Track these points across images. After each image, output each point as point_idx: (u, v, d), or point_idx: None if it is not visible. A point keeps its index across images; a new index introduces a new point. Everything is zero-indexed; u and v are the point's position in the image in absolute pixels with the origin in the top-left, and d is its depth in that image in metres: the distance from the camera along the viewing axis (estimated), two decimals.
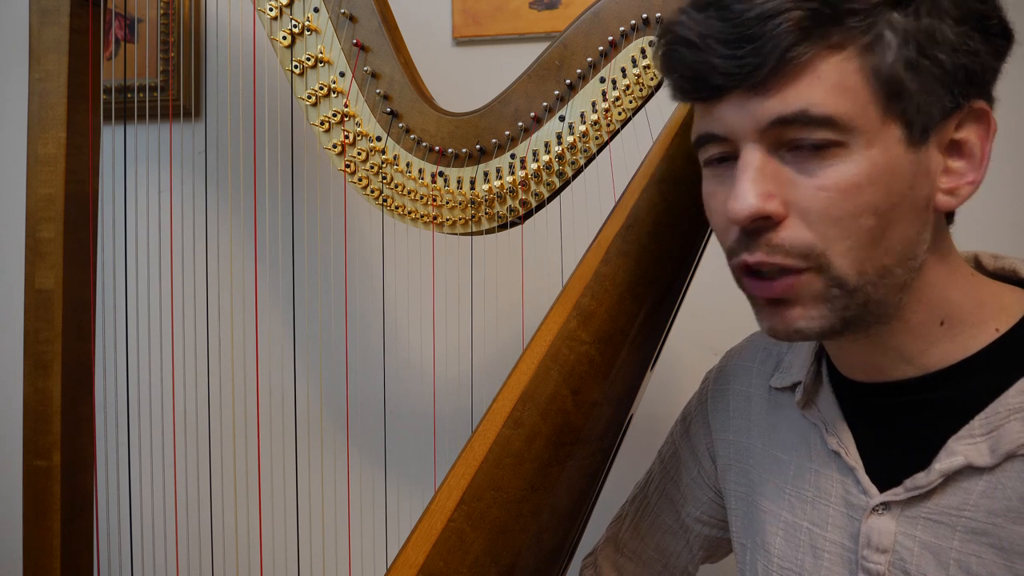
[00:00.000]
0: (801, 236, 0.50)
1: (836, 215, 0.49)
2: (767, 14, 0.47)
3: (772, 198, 0.50)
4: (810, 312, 0.52)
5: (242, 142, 1.02)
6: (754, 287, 0.54)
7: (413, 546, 0.70)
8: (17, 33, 1.20)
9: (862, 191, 0.49)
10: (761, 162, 0.50)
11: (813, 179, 0.49)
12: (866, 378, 0.59)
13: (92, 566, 0.87)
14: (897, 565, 0.53)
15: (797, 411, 0.64)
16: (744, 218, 0.50)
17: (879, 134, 0.49)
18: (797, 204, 0.50)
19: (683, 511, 0.78)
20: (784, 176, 0.50)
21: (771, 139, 0.50)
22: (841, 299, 0.51)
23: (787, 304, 0.52)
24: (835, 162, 0.49)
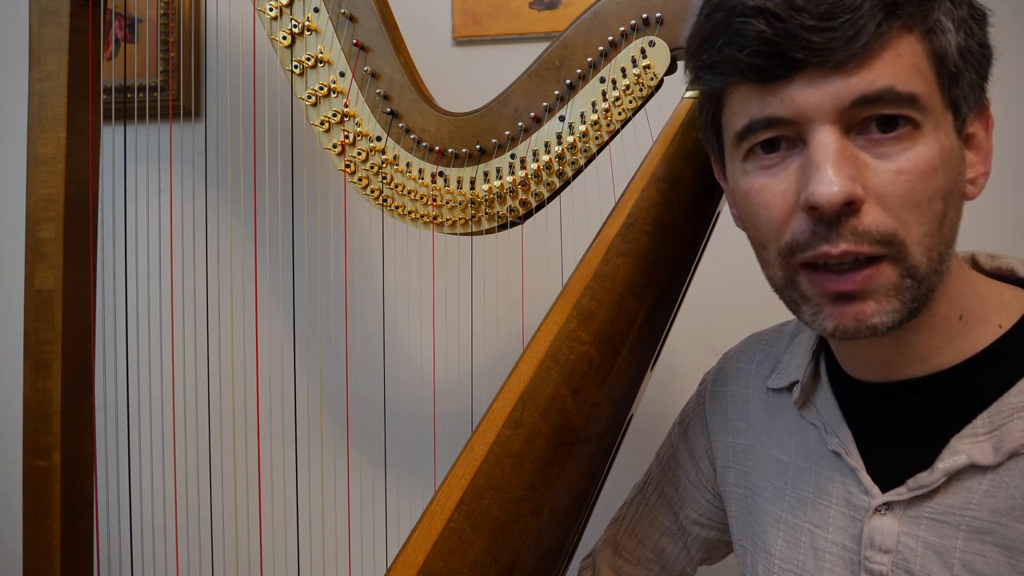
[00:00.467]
0: (883, 222, 0.47)
1: (916, 199, 0.47)
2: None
3: (856, 181, 0.47)
4: (884, 306, 0.49)
5: (242, 142, 1.02)
6: (822, 282, 0.50)
7: (413, 546, 0.70)
8: (17, 33, 1.20)
9: (937, 174, 0.48)
10: (841, 144, 0.48)
11: (890, 163, 0.47)
12: (873, 377, 0.58)
13: (92, 566, 0.87)
14: (900, 565, 0.53)
15: (795, 412, 0.64)
16: (837, 202, 0.46)
17: (943, 118, 0.49)
18: (875, 189, 0.47)
19: (681, 513, 0.78)
20: (861, 160, 0.48)
21: (849, 120, 0.48)
22: (912, 290, 0.49)
23: (859, 298, 0.49)
24: (912, 145, 0.47)
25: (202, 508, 1.12)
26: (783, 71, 0.48)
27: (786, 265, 0.52)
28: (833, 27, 0.46)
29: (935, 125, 0.48)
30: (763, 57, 0.48)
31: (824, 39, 0.46)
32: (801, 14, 0.46)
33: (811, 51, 0.46)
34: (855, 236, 0.48)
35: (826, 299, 0.50)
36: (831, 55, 0.46)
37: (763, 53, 0.48)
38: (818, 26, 0.46)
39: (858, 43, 0.46)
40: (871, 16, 0.46)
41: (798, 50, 0.47)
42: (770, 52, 0.48)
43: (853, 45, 0.46)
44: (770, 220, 0.52)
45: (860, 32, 0.46)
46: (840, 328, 0.50)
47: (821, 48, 0.46)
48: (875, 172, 0.48)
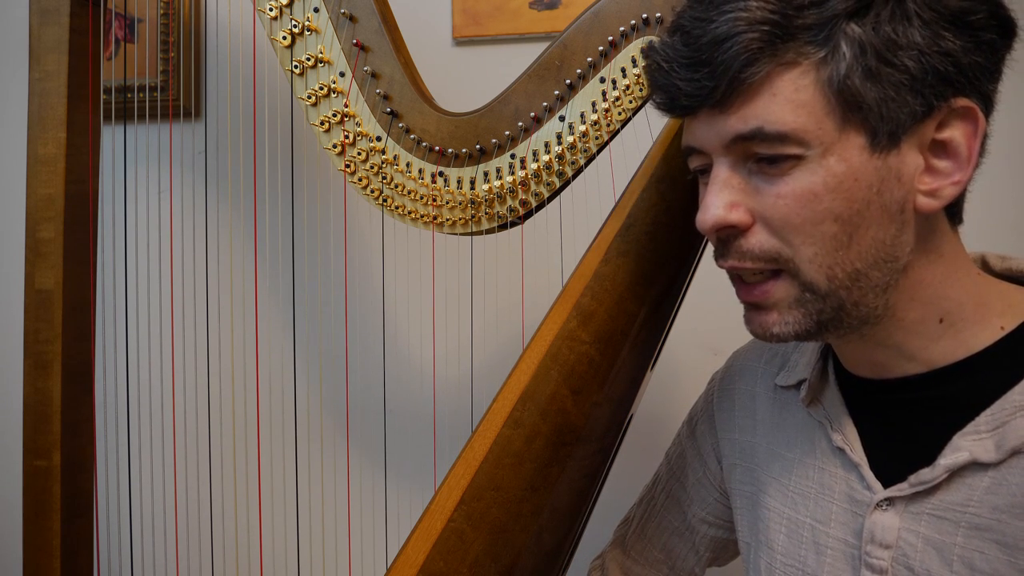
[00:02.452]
0: (766, 242, 0.53)
1: (796, 223, 0.51)
2: (719, 38, 0.50)
3: (736, 208, 0.53)
4: (785, 317, 0.54)
5: (242, 142, 1.02)
6: (737, 290, 0.57)
7: (413, 546, 0.70)
8: (17, 33, 1.20)
9: (819, 199, 0.50)
10: (727, 175, 0.53)
11: (773, 188, 0.52)
12: (872, 375, 0.59)
13: (92, 566, 0.87)
14: (900, 561, 0.53)
15: (802, 409, 0.65)
16: (709, 228, 0.54)
17: (836, 144, 0.50)
18: (761, 213, 0.53)
19: (689, 512, 0.78)
20: (750, 186, 0.53)
21: (737, 153, 0.53)
22: (814, 303, 0.53)
23: (764, 309, 0.55)
24: (793, 172, 0.51)
25: (202, 508, 1.12)
26: (682, 112, 0.55)
27: None
28: (696, 79, 0.51)
29: (823, 152, 0.50)
30: (666, 102, 0.56)
31: (692, 88, 0.52)
32: (676, 67, 0.53)
33: (691, 98, 0.52)
34: (739, 254, 0.54)
35: (745, 304, 0.57)
36: (704, 101, 0.52)
37: (665, 99, 0.55)
38: (688, 77, 0.52)
39: (719, 92, 0.50)
40: (731, 64, 0.49)
41: (682, 97, 0.53)
42: (668, 96, 0.55)
43: (715, 93, 0.51)
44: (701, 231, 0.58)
45: (719, 82, 0.50)
46: (752, 332, 0.57)
47: (693, 95, 0.52)
48: (762, 197, 0.52)
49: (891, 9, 0.48)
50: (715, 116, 0.52)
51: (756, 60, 0.49)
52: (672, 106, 0.55)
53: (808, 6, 0.49)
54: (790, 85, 0.49)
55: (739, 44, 0.49)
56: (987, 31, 0.50)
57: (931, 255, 0.54)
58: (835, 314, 0.53)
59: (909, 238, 0.52)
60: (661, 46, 0.54)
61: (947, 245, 0.55)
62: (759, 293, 0.55)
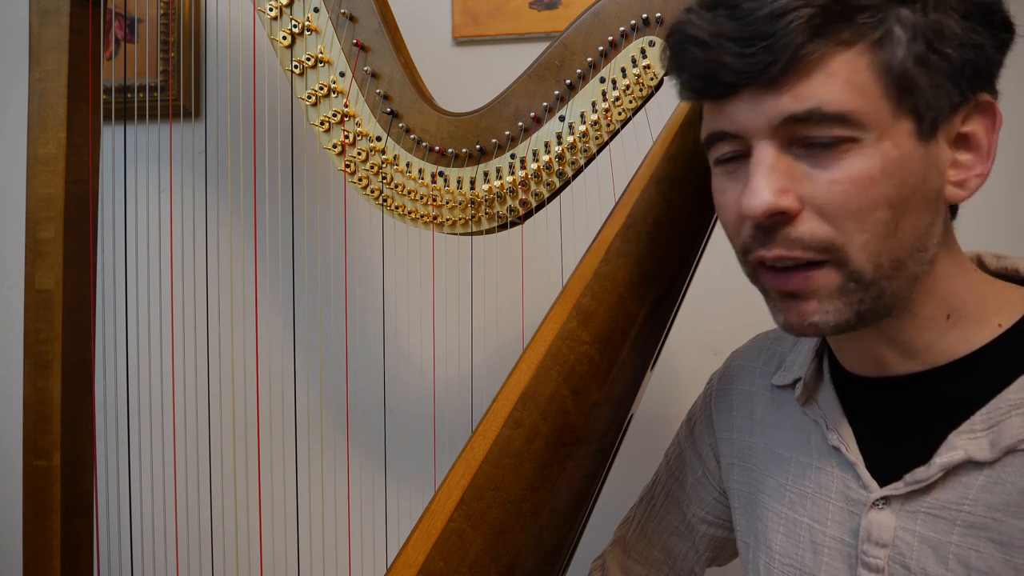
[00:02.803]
0: (818, 229, 0.50)
1: (852, 208, 0.49)
2: (778, 12, 0.47)
3: (786, 193, 0.50)
4: (825, 306, 0.52)
5: (242, 142, 1.02)
6: (770, 280, 0.54)
7: (413, 546, 0.70)
8: (17, 33, 1.20)
9: (876, 184, 0.49)
10: (774, 159, 0.50)
11: (827, 173, 0.49)
12: (869, 372, 0.59)
13: (92, 566, 0.87)
14: (896, 560, 0.53)
15: (798, 409, 0.65)
16: (760, 214, 0.50)
17: (890, 128, 0.49)
18: (812, 199, 0.50)
19: (688, 511, 0.78)
20: (798, 171, 0.50)
21: (783, 135, 0.50)
22: (857, 293, 0.51)
23: (803, 298, 0.52)
24: (848, 156, 0.49)
25: (202, 508, 1.12)
26: (722, 92, 0.52)
27: (746, 262, 0.56)
28: (751, 53, 0.49)
29: (879, 136, 0.49)
30: (702, 80, 0.52)
31: (744, 64, 0.49)
32: (725, 41, 0.49)
33: (738, 74, 0.50)
34: (787, 243, 0.51)
35: (777, 295, 0.54)
36: (755, 78, 0.49)
37: (702, 76, 0.52)
38: (739, 51, 0.49)
39: (776, 67, 0.48)
40: (792, 39, 0.47)
41: (728, 75, 0.50)
42: (707, 76, 0.51)
43: (773, 68, 0.48)
44: (727, 222, 0.56)
45: (778, 56, 0.48)
46: (786, 324, 0.54)
47: (745, 72, 0.49)
48: (813, 182, 0.50)
49: None
50: (762, 96, 0.50)
51: (815, 36, 0.48)
52: (712, 85, 0.52)
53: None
54: (846, 66, 0.48)
55: (799, 18, 0.47)
56: (1001, 31, 0.51)
57: (944, 249, 0.54)
58: (874, 304, 0.52)
59: (939, 229, 0.52)
60: (699, 21, 0.51)
61: (953, 241, 0.55)
62: (800, 280, 0.52)
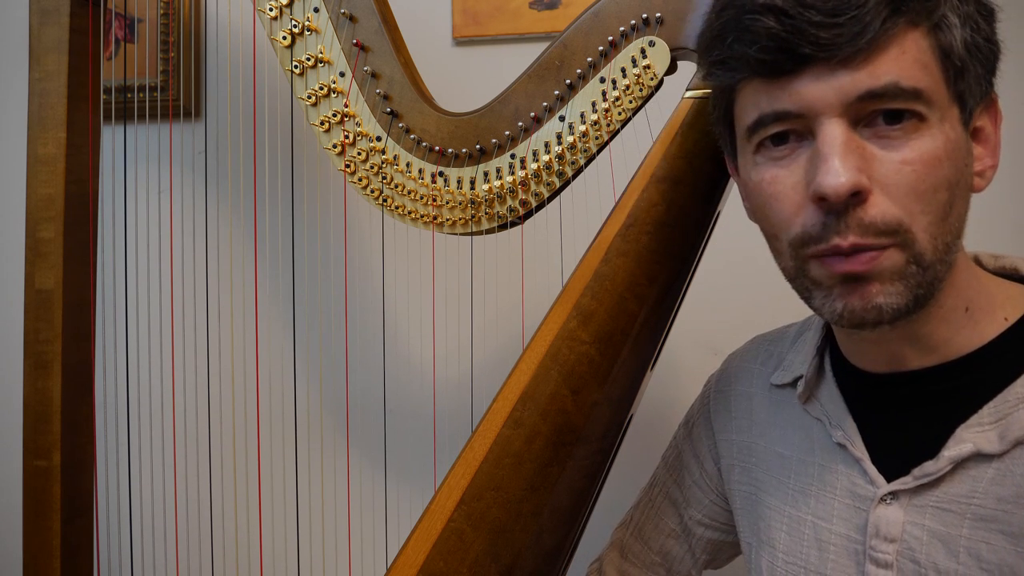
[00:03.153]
0: (889, 211, 0.48)
1: (921, 189, 0.48)
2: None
3: (863, 171, 0.48)
4: (888, 288, 0.50)
5: (242, 142, 1.02)
6: (834, 264, 0.51)
7: (413, 546, 0.70)
8: (17, 33, 1.20)
9: (942, 165, 0.49)
10: (847, 136, 0.49)
11: (896, 153, 0.48)
12: (882, 368, 0.58)
13: (92, 566, 0.87)
14: (906, 555, 0.53)
15: (799, 408, 0.65)
16: (844, 193, 0.47)
17: (948, 111, 0.50)
18: (881, 179, 0.49)
19: (685, 514, 0.78)
20: (868, 151, 0.49)
21: (853, 113, 0.49)
22: (916, 276, 0.50)
23: (866, 281, 0.50)
24: (918, 136, 0.49)
25: (202, 508, 1.12)
26: (791, 66, 0.49)
27: (797, 255, 0.53)
28: (839, 23, 0.47)
29: (940, 118, 0.49)
30: (772, 53, 0.49)
31: (831, 35, 0.47)
32: (809, 10, 0.47)
33: (818, 46, 0.47)
34: (861, 228, 0.49)
35: (835, 281, 0.51)
36: (838, 50, 0.47)
37: (772, 49, 0.49)
38: (825, 22, 0.47)
39: (864, 39, 0.47)
40: (877, 12, 0.47)
41: (806, 45, 0.48)
42: (779, 48, 0.49)
43: (859, 40, 0.47)
44: (781, 211, 0.53)
45: (866, 28, 0.47)
46: (848, 308, 0.51)
47: (828, 43, 0.47)
48: (881, 163, 0.49)
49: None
50: (835, 71, 0.48)
51: (895, 12, 0.47)
52: (782, 59, 0.49)
53: None
54: (915, 45, 0.49)
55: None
56: None
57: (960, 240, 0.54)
58: (928, 289, 0.51)
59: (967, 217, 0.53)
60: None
61: None
62: (867, 260, 0.49)
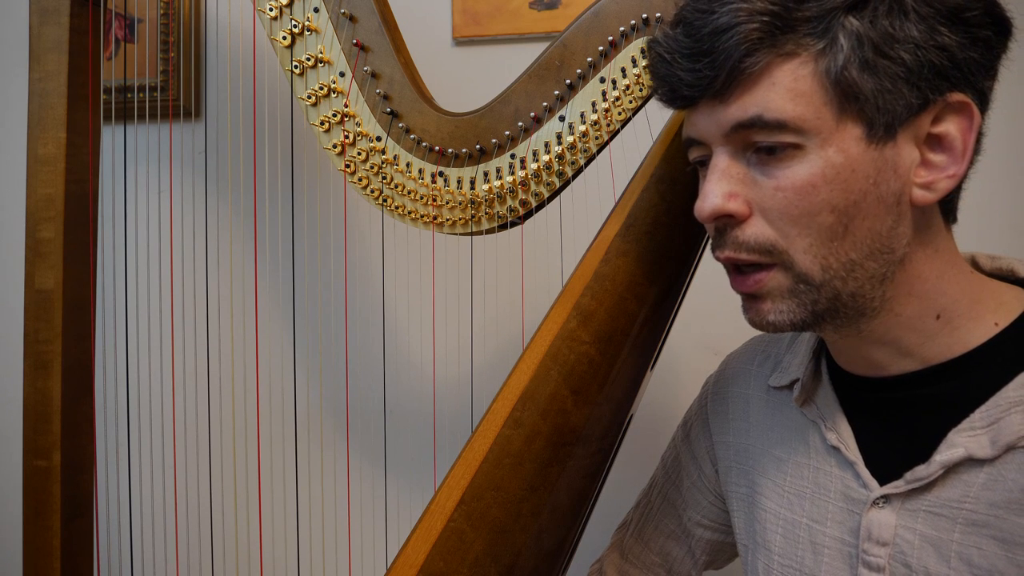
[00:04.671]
0: (763, 233, 0.53)
1: (794, 214, 0.52)
2: (720, 29, 0.50)
3: (735, 198, 0.54)
4: (779, 306, 0.55)
5: (242, 142, 1.02)
6: (732, 281, 0.58)
7: (413, 546, 0.70)
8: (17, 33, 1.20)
9: (817, 190, 0.51)
10: (726, 164, 0.54)
11: (771, 180, 0.52)
12: (867, 372, 0.59)
13: (92, 566, 0.87)
14: (898, 558, 0.53)
15: (795, 410, 0.65)
16: (707, 216, 0.54)
17: (834, 134, 0.50)
18: (759, 203, 0.53)
19: (684, 515, 0.78)
20: (749, 177, 0.54)
21: (737, 143, 0.54)
22: (808, 293, 0.54)
23: (759, 298, 0.56)
24: (791, 163, 0.51)
25: (202, 508, 1.12)
26: (683, 103, 0.56)
27: None
28: (697, 69, 0.52)
29: (821, 143, 0.50)
30: (668, 93, 0.56)
31: (693, 79, 0.53)
32: (679, 58, 0.53)
33: (692, 88, 0.53)
34: (735, 245, 0.55)
35: (741, 295, 0.58)
36: (704, 91, 0.53)
37: (667, 90, 0.56)
38: (689, 68, 0.53)
39: (719, 80, 0.51)
40: (731, 55, 0.50)
41: (683, 88, 0.54)
42: (670, 89, 0.55)
43: (715, 83, 0.51)
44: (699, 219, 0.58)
45: (719, 72, 0.51)
46: (750, 320, 0.58)
47: (695, 85, 0.53)
48: (760, 188, 0.53)
49: (888, 4, 0.49)
50: (715, 106, 0.53)
51: (756, 50, 0.50)
52: (674, 97, 0.56)
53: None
54: (789, 75, 0.50)
55: (739, 34, 0.50)
56: (982, 28, 0.51)
57: (928, 250, 0.54)
58: (831, 304, 0.54)
59: (906, 230, 0.53)
60: (663, 38, 0.55)
61: (943, 242, 0.55)
62: (752, 283, 0.55)
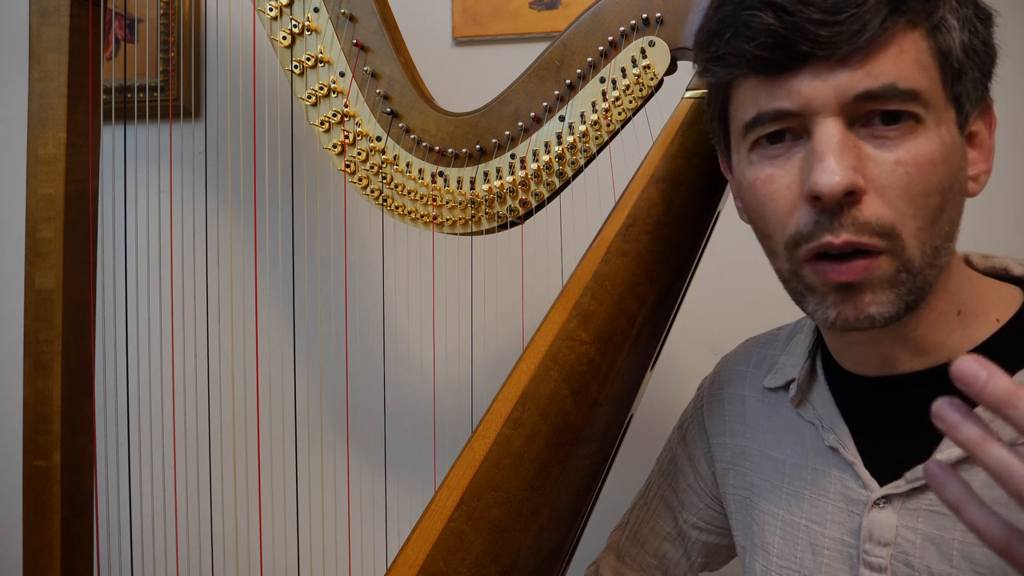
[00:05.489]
0: (883, 214, 0.48)
1: (913, 192, 0.48)
2: None
3: (858, 170, 0.48)
4: (880, 297, 0.50)
5: (242, 142, 1.02)
6: (828, 272, 0.51)
7: (413, 546, 0.70)
8: (17, 33, 1.20)
9: (936, 168, 0.48)
10: (843, 135, 0.49)
11: (891, 154, 0.48)
12: (873, 372, 0.58)
13: (92, 566, 0.87)
14: (899, 558, 0.53)
15: (792, 411, 0.65)
16: (840, 191, 0.47)
17: (945, 114, 0.49)
18: (875, 180, 0.48)
19: (681, 517, 0.78)
20: (862, 151, 0.49)
21: (850, 112, 0.49)
22: (907, 283, 0.50)
23: (859, 290, 0.50)
24: (913, 138, 0.48)
25: (202, 508, 1.12)
26: (789, 64, 0.49)
27: (791, 257, 0.53)
28: (839, 21, 0.46)
29: (937, 120, 0.49)
30: (770, 49, 0.49)
31: (830, 32, 0.47)
32: (808, 8, 0.47)
33: (817, 44, 0.47)
34: (856, 227, 0.48)
35: (830, 288, 0.51)
36: (836, 49, 0.47)
37: (770, 45, 0.49)
38: (825, 20, 0.47)
39: (863, 37, 0.47)
40: (876, 11, 0.47)
41: (804, 43, 0.47)
42: (777, 44, 0.48)
43: (858, 39, 0.47)
44: (775, 211, 0.53)
45: (865, 27, 0.46)
46: (841, 316, 0.51)
47: (827, 41, 0.47)
48: (876, 163, 0.48)
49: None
50: (834, 70, 0.48)
51: (894, 12, 0.47)
52: (781, 56, 0.49)
53: None
54: (914, 46, 0.48)
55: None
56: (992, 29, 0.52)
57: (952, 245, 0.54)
58: (917, 296, 0.51)
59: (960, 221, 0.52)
60: None
61: None
62: (860, 268, 0.49)
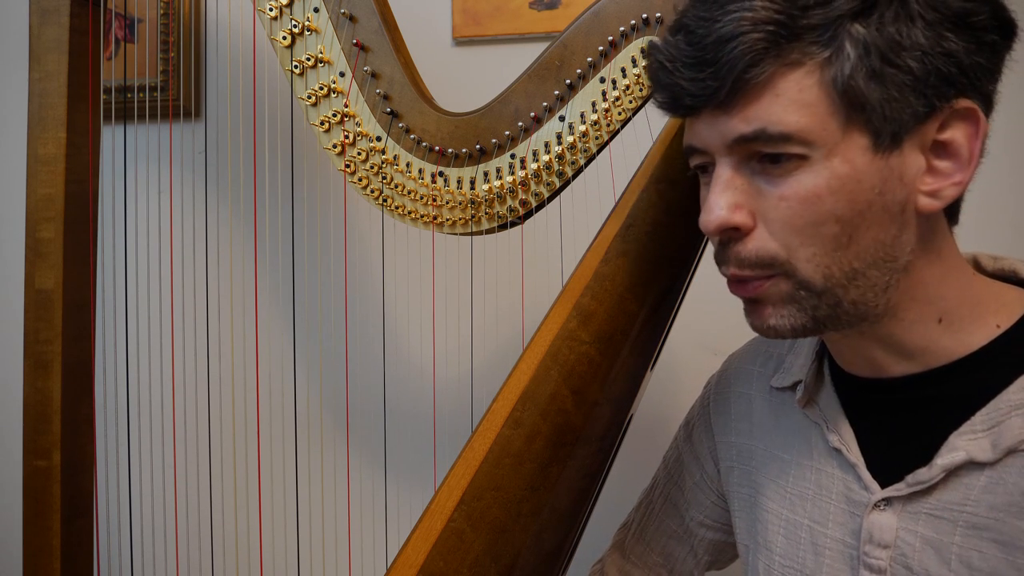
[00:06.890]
0: (765, 247, 0.52)
1: (798, 224, 0.51)
2: (724, 38, 0.49)
3: (740, 209, 0.53)
4: (779, 311, 0.54)
5: (242, 142, 1.02)
6: (733, 288, 0.57)
7: (413, 546, 0.70)
8: (17, 33, 1.20)
9: (822, 200, 0.50)
10: (730, 176, 0.53)
11: (776, 189, 0.51)
12: (870, 374, 0.59)
13: (92, 566, 0.87)
14: (899, 561, 0.53)
15: (798, 411, 0.65)
16: (714, 229, 0.53)
17: (840, 145, 0.50)
18: (763, 214, 0.52)
19: (687, 515, 0.78)
20: (752, 187, 0.53)
21: (740, 153, 0.52)
22: (809, 300, 0.53)
23: (760, 303, 0.55)
24: (796, 173, 0.50)
25: (202, 508, 1.12)
26: (685, 112, 0.55)
27: None
28: (700, 79, 0.51)
29: (827, 153, 0.49)
30: (668, 102, 0.55)
31: (696, 88, 0.51)
32: (680, 66, 0.52)
33: (694, 98, 0.52)
34: (737, 262, 0.54)
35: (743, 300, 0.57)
36: (707, 101, 0.51)
37: (668, 98, 0.55)
38: (692, 77, 0.51)
39: (723, 91, 0.50)
40: (736, 65, 0.49)
41: (685, 98, 0.52)
42: (672, 97, 0.54)
43: (720, 93, 0.50)
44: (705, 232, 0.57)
45: (723, 82, 0.50)
46: (752, 325, 0.57)
47: (698, 95, 0.51)
48: (765, 198, 0.52)
49: (895, 10, 0.48)
50: (718, 116, 0.52)
51: (760, 60, 0.49)
52: (675, 106, 0.55)
53: (813, 6, 0.48)
54: (794, 85, 0.49)
55: (744, 44, 0.48)
56: (988, 32, 0.50)
57: (931, 255, 0.54)
58: (832, 311, 0.53)
59: (910, 238, 0.52)
60: (664, 45, 0.54)
61: (945, 246, 0.55)
62: (752, 289, 0.55)
